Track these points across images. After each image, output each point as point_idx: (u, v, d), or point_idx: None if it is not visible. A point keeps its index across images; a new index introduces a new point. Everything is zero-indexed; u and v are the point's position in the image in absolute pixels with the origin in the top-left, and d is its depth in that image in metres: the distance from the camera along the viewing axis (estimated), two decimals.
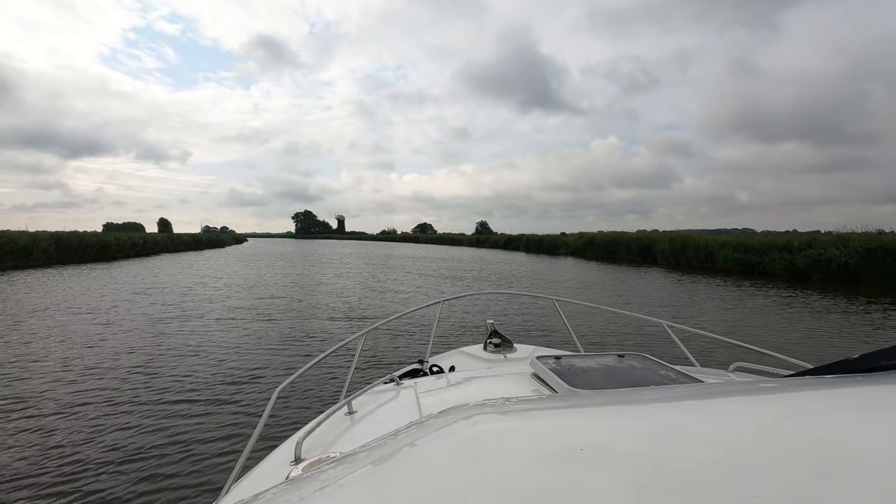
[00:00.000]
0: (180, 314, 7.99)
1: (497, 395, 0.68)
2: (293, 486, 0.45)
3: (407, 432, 0.52)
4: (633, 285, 14.02)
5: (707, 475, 0.35)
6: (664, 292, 12.47)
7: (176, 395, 4.03)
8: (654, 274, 17.48)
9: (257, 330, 6.79)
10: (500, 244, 46.98)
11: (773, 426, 0.45)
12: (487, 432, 0.47)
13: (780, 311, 9.25)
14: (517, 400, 0.61)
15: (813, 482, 0.33)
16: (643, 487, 0.34)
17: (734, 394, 0.63)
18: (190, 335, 6.35)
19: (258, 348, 5.71)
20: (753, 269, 16.49)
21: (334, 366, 4.75)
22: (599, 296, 11.66)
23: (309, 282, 14.01)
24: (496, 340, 2.13)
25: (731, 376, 1.22)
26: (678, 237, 21.48)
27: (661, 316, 2.85)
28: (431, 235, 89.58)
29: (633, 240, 25.46)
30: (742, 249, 17.35)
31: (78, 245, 20.80)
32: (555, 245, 34.75)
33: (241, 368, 4.81)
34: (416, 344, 5.95)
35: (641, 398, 0.64)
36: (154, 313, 8.00)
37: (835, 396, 0.56)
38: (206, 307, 8.78)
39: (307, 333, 6.66)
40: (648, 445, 0.41)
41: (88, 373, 4.59)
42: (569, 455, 0.39)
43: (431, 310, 3.38)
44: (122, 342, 5.90)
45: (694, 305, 10.03)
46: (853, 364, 0.64)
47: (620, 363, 1.19)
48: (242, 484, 0.94)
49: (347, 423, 1.11)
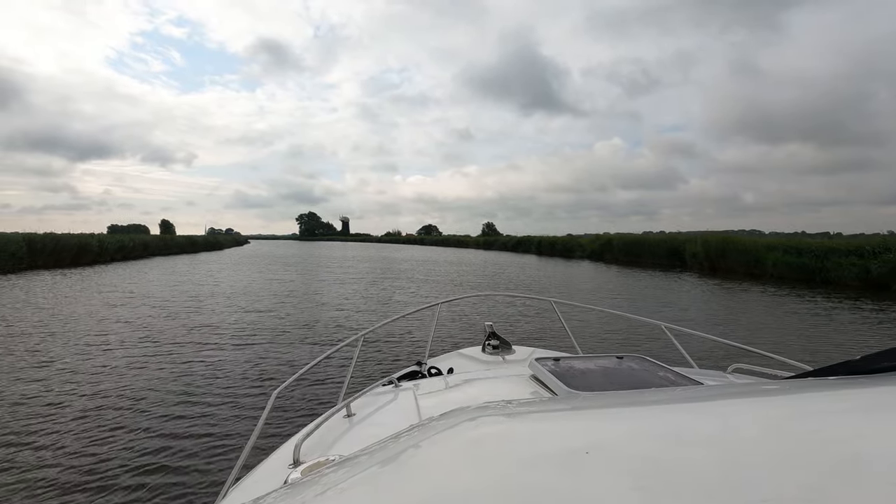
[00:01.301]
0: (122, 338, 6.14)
1: (496, 397, 0.74)
2: (293, 491, 0.44)
3: (409, 435, 0.51)
4: (671, 295, 11.95)
5: (712, 478, 0.34)
6: (716, 304, 10.40)
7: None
8: (689, 280, 15.40)
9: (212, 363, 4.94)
10: (510, 246, 44.76)
11: (778, 428, 0.43)
12: (490, 435, 0.47)
13: (890, 329, 7.26)
14: (519, 402, 0.62)
15: (821, 484, 0.32)
16: (647, 490, 0.33)
17: (737, 396, 0.63)
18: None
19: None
20: (812, 277, 14.37)
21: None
22: (645, 310, 9.65)
23: (304, 290, 12.16)
24: (495, 342, 2.14)
25: (729, 378, 1.23)
26: (714, 239, 19.28)
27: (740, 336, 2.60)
28: (437, 237, 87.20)
29: (659, 242, 23.16)
30: (796, 253, 15.20)
31: (54, 248, 19.05)
32: (570, 247, 32.52)
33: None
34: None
35: (643, 400, 0.62)
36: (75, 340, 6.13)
37: (839, 398, 0.54)
38: (163, 326, 6.94)
39: (291, 360, 4.80)
40: (652, 448, 0.40)
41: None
42: (572, 458, 0.38)
43: (429, 312, 3.28)
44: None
45: (771, 321, 7.98)
46: (855, 366, 0.62)
47: (619, 365, 1.17)
48: (241, 487, 0.94)
49: (346, 426, 1.09)
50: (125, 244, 24.07)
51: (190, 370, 4.89)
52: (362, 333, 1.90)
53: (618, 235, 28.44)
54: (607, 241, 27.80)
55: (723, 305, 10.34)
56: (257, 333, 6.80)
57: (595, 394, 0.88)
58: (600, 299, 11.40)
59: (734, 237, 19.06)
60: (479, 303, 9.26)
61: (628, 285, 14.35)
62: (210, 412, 3.75)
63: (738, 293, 12.23)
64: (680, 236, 23.16)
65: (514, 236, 48.28)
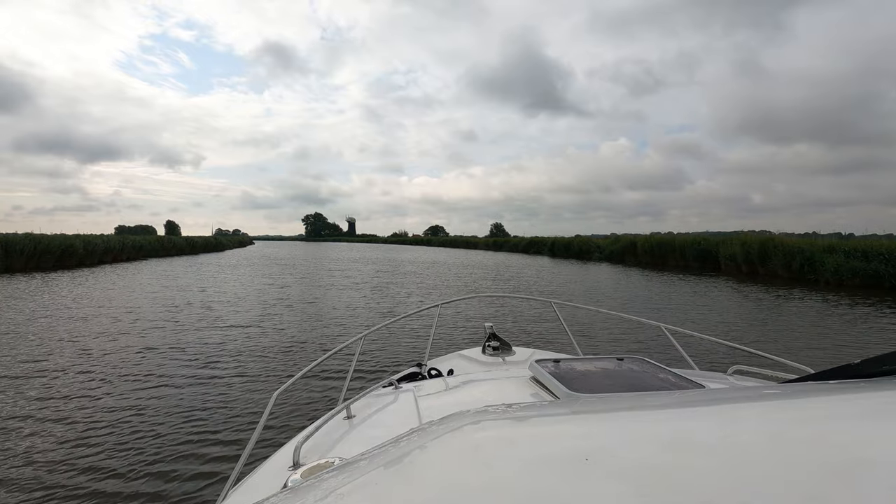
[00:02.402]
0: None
1: (496, 399, 0.71)
2: (293, 495, 0.44)
3: (409, 439, 0.51)
4: (716, 304, 10.13)
5: (715, 483, 0.34)
6: (787, 317, 8.58)
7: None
8: (729, 286, 13.47)
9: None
10: (521, 247, 42.86)
11: (778, 433, 0.43)
12: (491, 438, 0.47)
13: None
14: (519, 406, 0.62)
15: (825, 489, 0.32)
16: (649, 496, 0.33)
17: (739, 399, 0.63)
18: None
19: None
20: (880, 283, 12.46)
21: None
22: (709, 329, 7.87)
23: (297, 298, 10.57)
24: (495, 344, 2.12)
25: (730, 379, 1.22)
26: (755, 240, 17.38)
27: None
28: (444, 238, 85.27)
29: (690, 243, 21.05)
30: (861, 256, 13.29)
31: (33, 250, 17.67)
32: (586, 249, 30.54)
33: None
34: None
35: (645, 404, 0.61)
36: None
37: (843, 402, 0.54)
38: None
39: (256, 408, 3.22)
40: (652, 453, 0.40)
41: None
42: (574, 462, 0.38)
43: (430, 313, 3.03)
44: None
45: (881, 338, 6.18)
46: (856, 369, 0.62)
47: (619, 367, 1.16)
48: (240, 489, 0.93)
49: (346, 428, 1.08)
50: (112, 246, 22.55)
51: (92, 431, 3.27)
52: (362, 335, 1.86)
53: (643, 237, 26.42)
54: (630, 242, 25.85)
55: (800, 317, 8.52)
56: (222, 362, 5.17)
57: (596, 397, 0.87)
58: (639, 309, 9.67)
59: (781, 238, 17.11)
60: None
61: (664, 293, 12.53)
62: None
63: (794, 302, 10.40)
64: (714, 238, 21.09)
65: (525, 237, 46.29)
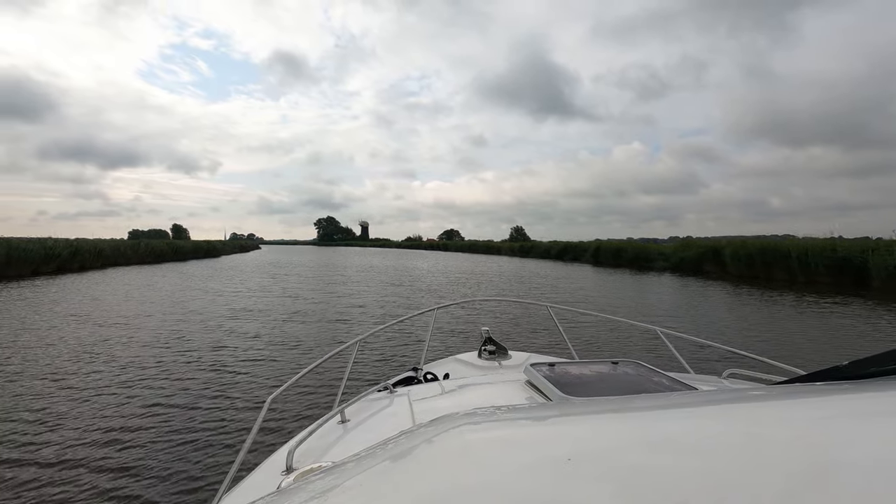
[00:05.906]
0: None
1: (491, 402, 0.69)
2: (281, 497, 0.44)
3: (396, 442, 0.52)
4: None
5: (696, 484, 0.34)
6: None
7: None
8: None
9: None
10: (553, 253, 37.55)
11: (762, 434, 0.44)
12: (477, 441, 0.47)
13: None
14: (507, 408, 0.62)
15: (800, 489, 0.33)
16: (633, 496, 0.33)
17: (725, 402, 0.64)
18: None
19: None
20: None
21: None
22: None
23: (286, 337, 5.96)
24: (491, 348, 2.11)
25: (724, 383, 1.22)
26: None
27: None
28: (460, 242, 79.93)
29: (816, 249, 15.24)
30: None
31: (7, 256, 15.65)
32: (646, 256, 24.93)
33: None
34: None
35: (633, 406, 0.62)
36: None
37: (823, 404, 0.55)
38: None
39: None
40: (639, 454, 0.41)
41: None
42: (559, 464, 0.38)
43: (426, 317, 2.90)
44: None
45: None
46: (843, 371, 0.63)
47: (615, 370, 1.17)
48: (233, 494, 0.93)
49: (340, 432, 1.09)
50: (57, 252, 18.95)
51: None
52: (358, 339, 1.85)
53: (727, 240, 20.83)
54: (710, 248, 20.40)
55: None
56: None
57: (585, 399, 0.87)
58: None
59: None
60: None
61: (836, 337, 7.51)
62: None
63: None
64: (856, 244, 15.31)
65: (559, 241, 40.92)
